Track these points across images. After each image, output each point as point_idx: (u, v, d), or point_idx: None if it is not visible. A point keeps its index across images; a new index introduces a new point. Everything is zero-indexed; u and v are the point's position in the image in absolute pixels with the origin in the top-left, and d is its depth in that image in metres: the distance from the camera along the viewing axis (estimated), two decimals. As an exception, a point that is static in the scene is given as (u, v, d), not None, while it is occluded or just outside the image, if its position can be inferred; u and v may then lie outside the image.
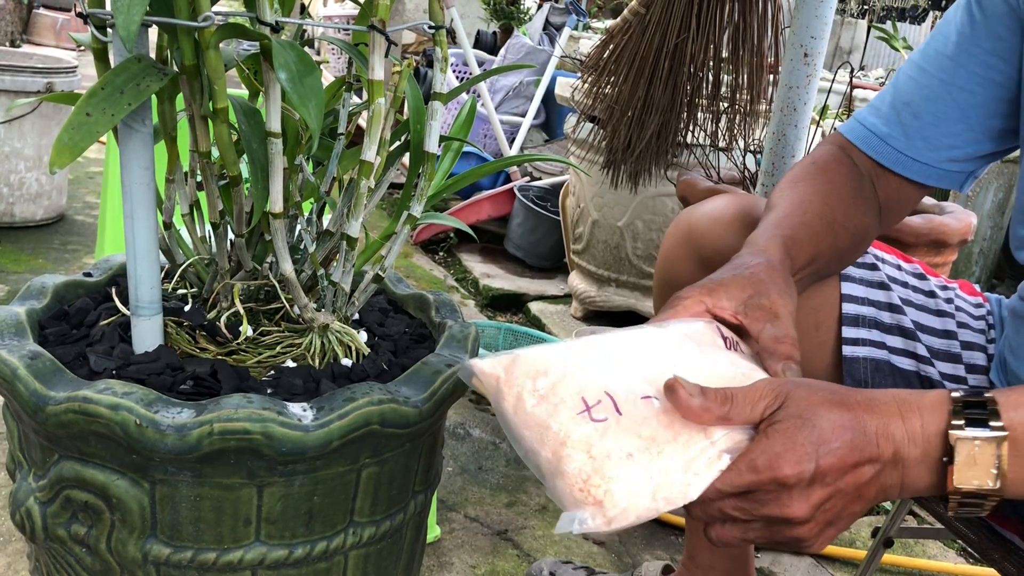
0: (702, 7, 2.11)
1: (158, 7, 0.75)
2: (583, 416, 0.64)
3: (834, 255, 0.95)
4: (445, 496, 1.70)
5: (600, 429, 0.63)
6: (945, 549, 1.78)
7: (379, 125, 0.83)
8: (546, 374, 0.67)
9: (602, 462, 0.62)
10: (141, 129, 0.78)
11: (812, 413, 0.64)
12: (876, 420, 0.65)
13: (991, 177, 3.55)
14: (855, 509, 0.66)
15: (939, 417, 0.66)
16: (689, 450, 0.64)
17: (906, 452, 0.65)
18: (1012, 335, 0.96)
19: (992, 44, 0.92)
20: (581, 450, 0.63)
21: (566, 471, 0.62)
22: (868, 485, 0.66)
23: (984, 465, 0.64)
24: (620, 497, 0.62)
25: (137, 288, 0.83)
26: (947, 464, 0.65)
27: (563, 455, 0.63)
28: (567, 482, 0.62)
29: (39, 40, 7.06)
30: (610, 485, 0.62)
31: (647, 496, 0.62)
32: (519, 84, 4.62)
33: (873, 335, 1.00)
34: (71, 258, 2.71)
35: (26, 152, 2.77)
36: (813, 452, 0.63)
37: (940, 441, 0.66)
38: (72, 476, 0.75)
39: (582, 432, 0.63)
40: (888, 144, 0.98)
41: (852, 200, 0.96)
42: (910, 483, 0.67)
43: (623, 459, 0.62)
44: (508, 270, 3.13)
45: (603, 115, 2.35)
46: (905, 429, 0.66)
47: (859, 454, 0.64)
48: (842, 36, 10.69)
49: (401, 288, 1.09)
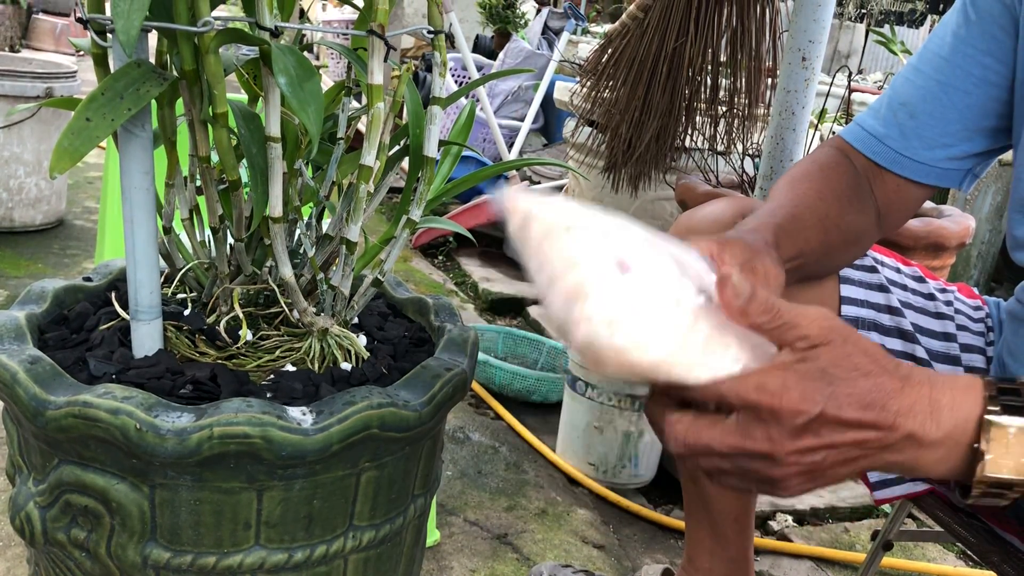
0: (700, 11, 2.12)
1: (158, 12, 0.75)
2: (614, 267, 0.63)
3: (823, 252, 0.95)
4: (445, 500, 1.70)
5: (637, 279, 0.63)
6: (945, 552, 1.78)
7: (378, 129, 0.83)
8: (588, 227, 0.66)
9: (634, 300, 0.62)
10: (141, 134, 0.79)
11: (837, 374, 0.62)
12: (903, 399, 0.63)
13: (989, 180, 3.55)
14: (842, 471, 0.65)
15: (972, 400, 0.64)
16: (712, 339, 0.64)
17: (925, 432, 0.63)
18: (1010, 337, 0.97)
19: (987, 45, 0.93)
20: (614, 292, 0.62)
21: (589, 302, 0.62)
22: (865, 451, 0.64)
23: (1017, 454, 0.63)
24: (638, 335, 0.61)
25: (137, 292, 0.83)
26: (975, 451, 0.63)
27: (587, 291, 0.62)
28: (589, 305, 0.61)
29: (39, 45, 7.07)
30: (632, 324, 0.61)
31: (662, 350, 0.62)
32: (518, 88, 4.63)
33: (873, 337, 1.00)
34: (71, 263, 2.71)
35: (25, 157, 2.77)
36: (821, 400, 0.61)
37: (971, 426, 0.64)
38: (72, 480, 0.75)
39: (616, 281, 0.62)
40: (885, 144, 0.98)
41: (847, 199, 0.97)
42: (925, 465, 0.65)
43: (662, 304, 0.62)
44: (507, 274, 3.13)
45: (602, 119, 2.35)
46: (931, 407, 0.64)
47: (867, 417, 0.62)
48: (840, 40, 10.70)
49: (400, 292, 1.09)
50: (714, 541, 1.24)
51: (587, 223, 0.66)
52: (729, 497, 1.20)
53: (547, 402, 2.18)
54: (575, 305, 0.62)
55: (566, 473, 1.88)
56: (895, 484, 1.02)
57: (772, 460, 0.63)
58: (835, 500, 1.88)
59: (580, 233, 0.65)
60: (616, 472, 1.84)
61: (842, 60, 10.07)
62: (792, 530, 1.77)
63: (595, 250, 0.64)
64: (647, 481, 1.88)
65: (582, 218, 0.67)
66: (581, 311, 0.62)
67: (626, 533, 1.70)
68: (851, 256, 1.01)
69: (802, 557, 1.69)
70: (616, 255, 0.64)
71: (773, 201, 0.94)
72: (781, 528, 1.77)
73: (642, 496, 1.85)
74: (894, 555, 1.72)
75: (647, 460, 1.85)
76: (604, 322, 0.62)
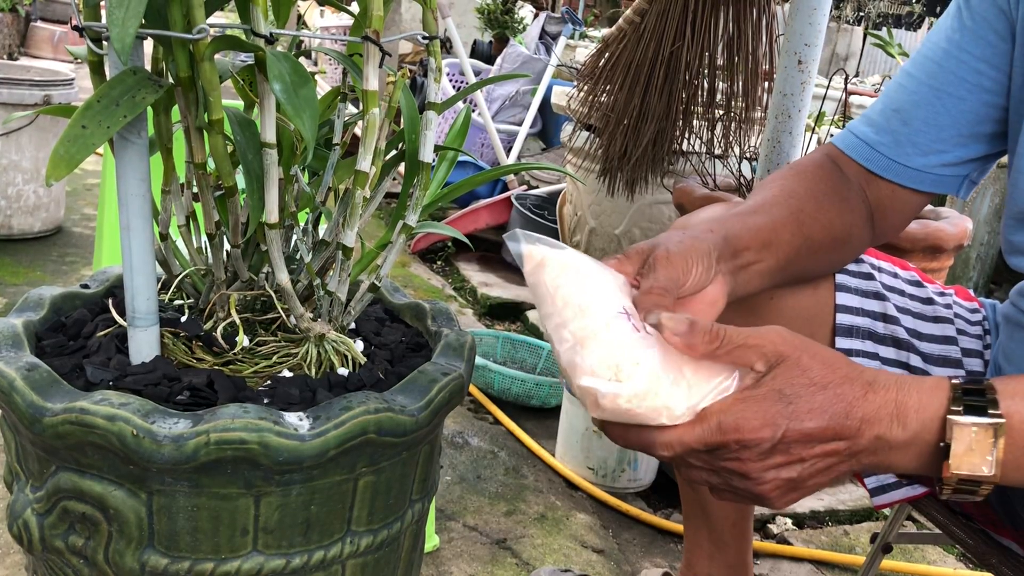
0: (696, 15, 2.12)
1: (153, 20, 0.75)
2: (617, 316, 0.69)
3: (805, 249, 0.94)
4: (444, 505, 1.70)
5: (628, 332, 0.68)
6: (944, 554, 1.78)
7: (374, 135, 0.84)
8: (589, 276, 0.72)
9: (635, 351, 0.67)
10: (137, 141, 0.79)
11: (794, 391, 0.66)
12: (866, 405, 0.66)
13: (987, 183, 3.56)
14: (822, 479, 0.68)
15: (937, 400, 0.67)
16: (693, 377, 0.68)
17: (892, 435, 0.67)
18: (1006, 341, 0.97)
19: (981, 50, 0.92)
20: (612, 338, 0.67)
21: (589, 348, 0.67)
22: (838, 458, 0.67)
23: (981, 452, 0.66)
24: (639, 381, 0.66)
25: (134, 299, 0.83)
26: (943, 449, 0.66)
27: (592, 336, 0.67)
28: (589, 356, 0.67)
29: (37, 53, 7.08)
30: (636, 369, 0.66)
31: (657, 401, 0.66)
32: (516, 93, 4.63)
33: (867, 346, 1.00)
34: (69, 270, 2.71)
35: (23, 164, 2.77)
36: (783, 423, 0.65)
37: (937, 425, 0.67)
38: (69, 487, 0.75)
39: (616, 328, 0.68)
40: (877, 151, 0.97)
41: (825, 196, 0.96)
42: (898, 464, 0.69)
43: (654, 356, 0.67)
44: (506, 279, 3.14)
45: (599, 123, 2.35)
46: (896, 410, 0.67)
47: (830, 433, 0.66)
48: (838, 43, 10.71)
49: (397, 297, 1.10)
50: (713, 546, 1.24)
51: (597, 273, 0.72)
52: (728, 504, 1.20)
53: (546, 406, 2.18)
54: (581, 350, 0.65)
55: (565, 477, 1.88)
56: (893, 489, 1.02)
57: (750, 479, 0.67)
58: (835, 503, 1.88)
59: (589, 282, 0.69)
60: (615, 476, 1.84)
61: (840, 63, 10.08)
62: (792, 533, 1.77)
63: (604, 299, 0.68)
64: (646, 485, 1.88)
65: (593, 268, 0.72)
66: (584, 359, 0.67)
67: (626, 537, 1.70)
68: (841, 257, 1.00)
69: (802, 560, 1.69)
70: (624, 305, 0.70)
71: (736, 204, 0.95)
72: (780, 531, 1.77)
73: (642, 500, 1.85)
74: (894, 558, 1.71)
75: (646, 464, 1.85)
76: (610, 369, 0.66)
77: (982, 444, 0.66)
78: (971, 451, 0.66)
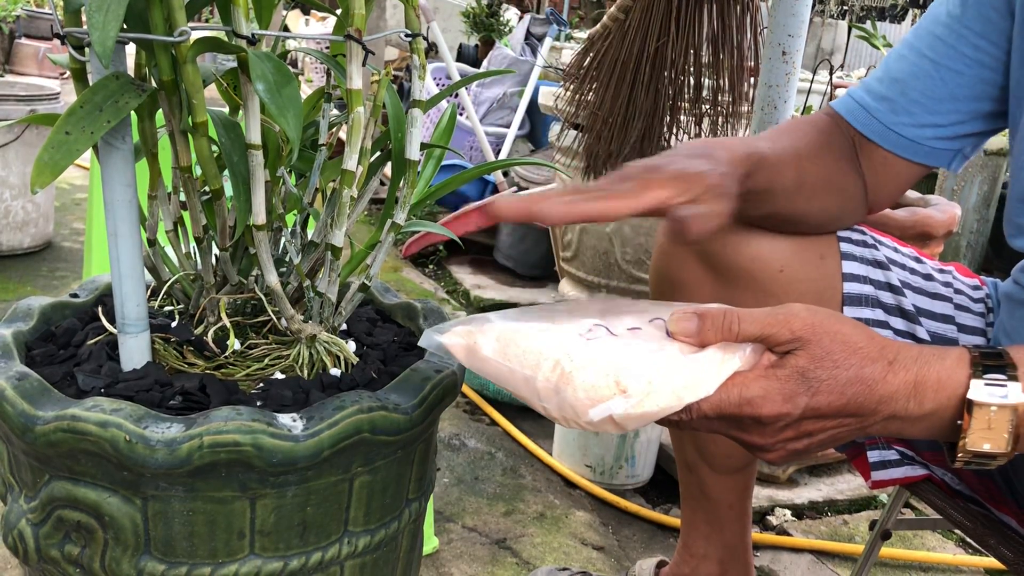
0: (681, 11, 2.12)
1: (135, 24, 0.75)
2: (581, 338, 0.67)
3: (795, 187, 0.94)
4: (442, 507, 1.70)
5: (604, 342, 0.67)
6: (944, 540, 1.78)
7: (359, 134, 0.83)
8: (518, 331, 0.69)
9: (621, 360, 0.65)
10: (121, 146, 0.79)
11: (817, 373, 0.66)
12: (886, 386, 0.66)
13: (975, 170, 3.57)
14: (827, 447, 0.70)
15: (956, 379, 0.67)
16: (695, 356, 0.67)
17: (907, 412, 0.67)
18: (1007, 319, 0.97)
19: (982, 27, 0.92)
20: (591, 356, 0.65)
21: (576, 380, 0.64)
22: (849, 431, 0.68)
23: (999, 430, 0.66)
24: (642, 381, 0.64)
25: (123, 306, 0.82)
26: (959, 425, 0.67)
27: (569, 369, 0.65)
28: (580, 386, 0.64)
29: (22, 70, 7.05)
30: (636, 370, 0.64)
31: (668, 390, 0.64)
32: (503, 96, 4.63)
33: (877, 314, 1.00)
34: (59, 285, 2.70)
35: (11, 180, 2.76)
36: (802, 403, 0.65)
37: (955, 404, 0.67)
38: (63, 496, 0.75)
39: (589, 347, 0.66)
40: (874, 117, 0.98)
41: (826, 146, 0.98)
42: (910, 434, 0.69)
43: (647, 350, 0.66)
44: (499, 280, 3.13)
45: (587, 122, 2.35)
46: (915, 389, 0.67)
47: (845, 413, 0.66)
48: (823, 37, 10.75)
49: (388, 297, 1.09)
50: (710, 526, 1.23)
51: (528, 317, 0.71)
52: (726, 485, 1.19)
53: (542, 406, 2.17)
54: (566, 387, 0.64)
55: (563, 476, 1.87)
56: (894, 466, 1.02)
57: (756, 447, 0.68)
58: (833, 493, 1.88)
59: (528, 329, 0.68)
60: (613, 473, 1.83)
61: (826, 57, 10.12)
62: (791, 524, 1.77)
63: (557, 333, 0.68)
64: (645, 481, 1.88)
65: (520, 316, 0.71)
66: (575, 391, 0.64)
67: (625, 534, 1.70)
68: (833, 204, 1.00)
69: (802, 551, 1.69)
70: (579, 325, 0.68)
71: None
72: (780, 523, 1.77)
73: (640, 496, 1.84)
74: (893, 545, 1.72)
75: (644, 460, 1.85)
76: (608, 387, 0.65)
77: (1000, 422, 0.66)
78: (989, 430, 0.66)
